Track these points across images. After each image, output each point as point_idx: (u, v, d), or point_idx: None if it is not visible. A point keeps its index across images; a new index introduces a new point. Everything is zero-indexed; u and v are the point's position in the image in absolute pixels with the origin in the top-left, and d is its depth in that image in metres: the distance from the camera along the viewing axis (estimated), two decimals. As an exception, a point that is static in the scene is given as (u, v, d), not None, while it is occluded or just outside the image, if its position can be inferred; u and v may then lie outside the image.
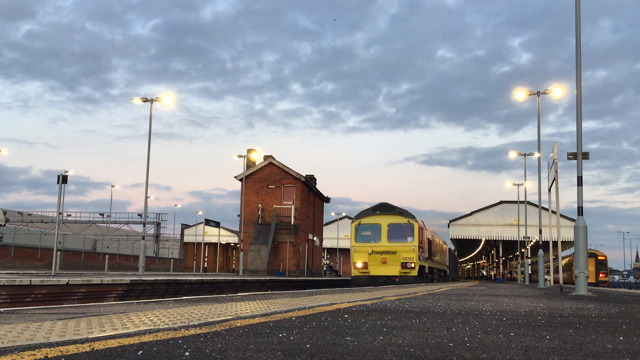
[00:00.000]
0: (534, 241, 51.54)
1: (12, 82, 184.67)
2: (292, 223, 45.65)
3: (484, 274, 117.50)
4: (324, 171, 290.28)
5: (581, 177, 13.99)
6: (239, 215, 47.93)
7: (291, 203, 46.13)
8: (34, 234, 51.59)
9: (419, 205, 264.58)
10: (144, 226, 32.94)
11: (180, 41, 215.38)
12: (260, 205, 45.94)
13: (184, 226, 77.90)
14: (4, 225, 42.74)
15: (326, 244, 68.46)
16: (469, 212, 63.86)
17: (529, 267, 38.27)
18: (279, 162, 47.03)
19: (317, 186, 54.19)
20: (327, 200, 58.03)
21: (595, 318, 5.96)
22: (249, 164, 46.37)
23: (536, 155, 30.82)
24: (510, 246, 74.77)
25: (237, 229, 57.51)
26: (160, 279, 19.44)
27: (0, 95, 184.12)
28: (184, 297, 9.62)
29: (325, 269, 70.92)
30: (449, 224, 63.89)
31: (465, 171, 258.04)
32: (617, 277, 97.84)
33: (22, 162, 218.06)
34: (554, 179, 17.53)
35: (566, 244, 48.18)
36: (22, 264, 44.89)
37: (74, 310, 5.98)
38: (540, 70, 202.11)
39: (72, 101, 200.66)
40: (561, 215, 24.38)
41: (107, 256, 53.59)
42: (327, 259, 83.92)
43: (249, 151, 46.02)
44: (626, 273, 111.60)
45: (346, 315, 5.56)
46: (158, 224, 68.25)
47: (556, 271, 28.44)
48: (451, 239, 64.75)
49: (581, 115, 14.34)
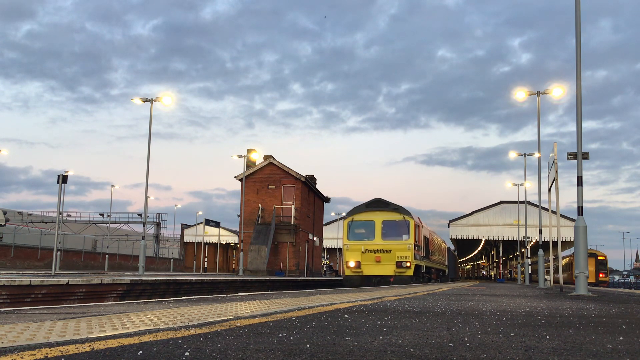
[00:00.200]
0: (534, 241, 51.55)
1: (12, 82, 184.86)
2: (292, 223, 45.64)
3: (484, 274, 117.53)
4: (324, 171, 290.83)
5: (581, 177, 13.99)
6: (239, 215, 47.93)
7: (291, 203, 46.13)
8: (34, 234, 51.59)
9: (419, 205, 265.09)
10: (144, 226, 32.94)
11: (180, 41, 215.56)
12: (260, 205, 45.94)
13: (184, 226, 77.91)
14: (4, 225, 42.73)
15: (326, 244, 68.42)
16: (469, 212, 63.93)
17: (529, 267, 38.28)
18: (279, 162, 47.03)
19: (317, 186, 54.19)
20: (327, 200, 58.03)
21: (595, 318, 5.96)
22: (249, 164, 46.37)
23: (536, 155, 30.86)
24: (510, 246, 74.80)
25: (237, 229, 57.51)
26: (160, 279, 19.44)
27: (0, 95, 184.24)
28: (184, 297, 9.62)
29: (325, 269, 70.93)
30: (449, 224, 63.93)
31: (465, 171, 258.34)
32: (617, 277, 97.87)
33: (22, 162, 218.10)
34: (554, 179, 17.52)
35: (566, 244, 48.21)
36: (22, 264, 44.88)
37: (74, 310, 5.97)
38: (540, 70, 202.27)
39: (72, 101, 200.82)
40: (561, 215, 24.37)
41: (107, 256, 53.59)
42: (327, 259, 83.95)
43: (249, 151, 46.02)
44: (626, 273, 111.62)
45: (346, 315, 5.56)
46: (158, 224, 68.27)
47: (556, 271, 28.44)
48: (451, 239, 64.78)
49: (581, 115, 14.35)
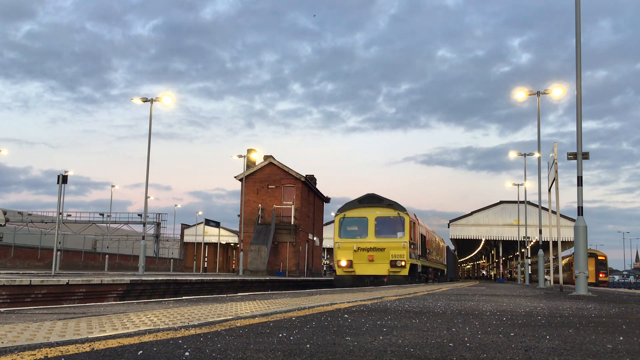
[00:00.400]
0: (534, 241, 51.53)
1: (12, 82, 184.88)
2: (292, 223, 45.64)
3: (484, 274, 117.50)
4: (324, 171, 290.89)
5: (581, 177, 13.99)
6: (239, 215, 47.92)
7: (291, 203, 46.12)
8: (34, 234, 51.59)
9: (419, 205, 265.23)
10: (144, 226, 32.94)
11: (180, 41, 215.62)
12: (260, 205, 45.94)
13: (184, 226, 77.89)
14: (4, 225, 42.74)
15: (326, 244, 68.33)
16: (469, 212, 63.92)
17: (529, 267, 38.27)
18: (279, 162, 47.02)
19: (317, 186, 54.18)
20: (327, 200, 58.03)
21: (595, 318, 5.95)
22: (249, 164, 46.36)
23: (536, 155, 30.85)
24: (510, 246, 74.78)
25: (237, 229, 57.49)
26: (160, 279, 19.44)
27: (0, 95, 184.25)
28: (184, 297, 9.62)
29: (325, 269, 70.92)
30: (449, 224, 63.93)
31: (465, 171, 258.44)
32: (617, 277, 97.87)
33: (22, 162, 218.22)
34: (554, 179, 17.52)
35: (566, 244, 48.21)
36: (22, 264, 44.87)
37: (74, 310, 5.97)
38: (540, 70, 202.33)
39: (72, 101, 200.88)
40: (561, 215, 24.35)
41: (107, 256, 53.59)
42: (327, 259, 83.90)
43: (249, 151, 46.02)
44: (626, 273, 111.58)
45: (346, 315, 5.56)
46: (158, 224, 68.25)
47: (556, 271, 28.43)
48: (451, 239, 64.78)
49: (581, 115, 14.35)
